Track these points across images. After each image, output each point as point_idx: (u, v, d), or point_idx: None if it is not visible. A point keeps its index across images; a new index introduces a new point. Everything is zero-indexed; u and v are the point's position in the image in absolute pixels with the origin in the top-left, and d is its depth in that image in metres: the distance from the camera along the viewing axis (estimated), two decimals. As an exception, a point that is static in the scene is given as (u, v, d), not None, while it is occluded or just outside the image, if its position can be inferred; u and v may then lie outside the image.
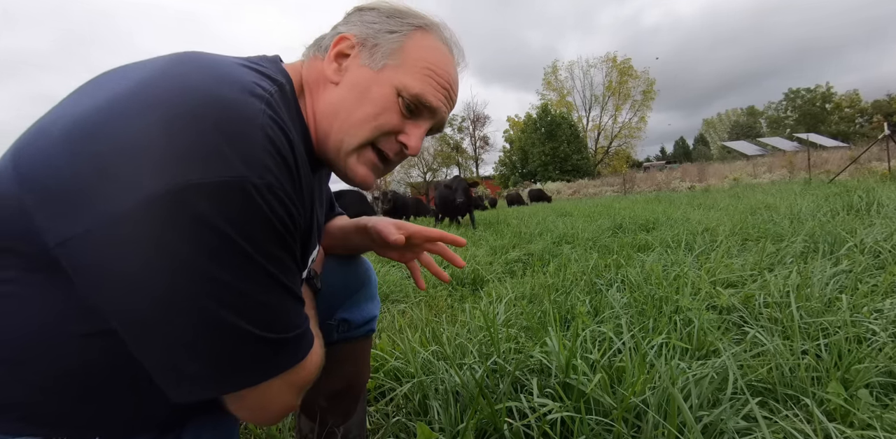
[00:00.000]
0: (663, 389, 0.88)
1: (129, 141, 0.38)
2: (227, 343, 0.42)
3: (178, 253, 0.38)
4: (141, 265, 0.38)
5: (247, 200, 0.40)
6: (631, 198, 10.23)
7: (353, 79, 0.56)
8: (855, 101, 45.01)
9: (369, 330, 0.89)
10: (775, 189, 7.38)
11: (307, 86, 0.58)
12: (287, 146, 0.45)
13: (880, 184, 5.33)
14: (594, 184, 22.96)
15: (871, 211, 3.24)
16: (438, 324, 1.69)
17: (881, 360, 1.01)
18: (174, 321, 0.39)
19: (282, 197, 0.43)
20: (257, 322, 0.43)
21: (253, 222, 0.41)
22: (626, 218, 4.69)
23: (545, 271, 2.53)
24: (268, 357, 0.45)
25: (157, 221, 0.37)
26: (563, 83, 40.63)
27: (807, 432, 0.78)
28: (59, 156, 0.39)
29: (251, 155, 0.41)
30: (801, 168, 13.57)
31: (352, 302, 0.85)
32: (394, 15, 0.58)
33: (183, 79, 0.42)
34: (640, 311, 1.50)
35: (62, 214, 0.39)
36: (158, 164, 0.38)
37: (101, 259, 0.38)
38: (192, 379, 0.42)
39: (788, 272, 1.71)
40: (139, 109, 0.40)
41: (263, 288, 0.43)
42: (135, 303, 0.39)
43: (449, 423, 0.96)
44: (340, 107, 0.56)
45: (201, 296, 0.39)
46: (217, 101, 0.41)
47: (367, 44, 0.57)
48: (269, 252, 0.43)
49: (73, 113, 0.42)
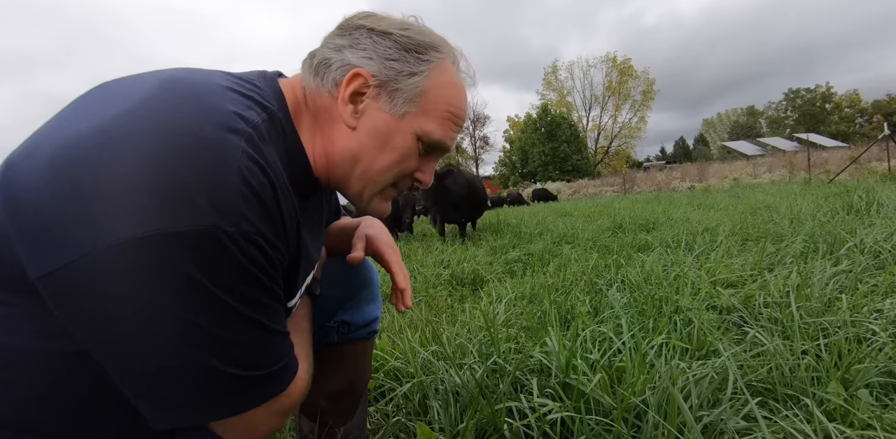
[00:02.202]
0: (663, 389, 0.88)
1: (106, 182, 0.38)
2: (205, 382, 0.42)
3: (150, 299, 0.38)
4: (116, 308, 0.38)
5: (220, 249, 0.40)
6: (631, 198, 10.23)
7: (373, 126, 0.54)
8: (855, 101, 45.01)
9: (371, 332, 0.88)
10: (775, 189, 7.38)
11: (310, 115, 0.56)
12: (268, 188, 0.44)
13: (880, 184, 5.33)
14: (594, 185, 22.96)
15: (871, 211, 3.24)
16: (438, 324, 1.69)
17: (881, 360, 1.01)
18: (151, 361, 0.40)
19: (259, 242, 0.43)
20: (235, 362, 0.43)
21: (226, 270, 0.41)
22: (626, 218, 4.69)
23: (545, 271, 2.53)
24: (247, 391, 0.46)
25: (130, 268, 0.38)
26: (563, 83, 40.63)
27: (807, 432, 0.78)
28: (42, 185, 0.39)
29: (225, 202, 0.40)
30: (801, 168, 13.56)
31: (353, 303, 0.85)
32: (411, 48, 0.54)
33: (166, 114, 0.42)
34: (640, 311, 1.50)
35: (40, 248, 0.39)
36: (133, 210, 0.38)
37: (77, 298, 0.39)
38: (168, 411, 0.43)
39: (788, 272, 1.71)
40: (119, 146, 0.39)
41: (239, 331, 0.43)
42: (111, 343, 0.40)
43: (449, 423, 0.96)
44: (361, 154, 0.55)
45: (174, 341, 0.40)
46: (196, 143, 0.41)
47: (387, 88, 0.53)
48: (245, 296, 0.43)
49: (60, 137, 0.41)
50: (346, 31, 0.55)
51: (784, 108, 51.39)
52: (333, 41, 0.54)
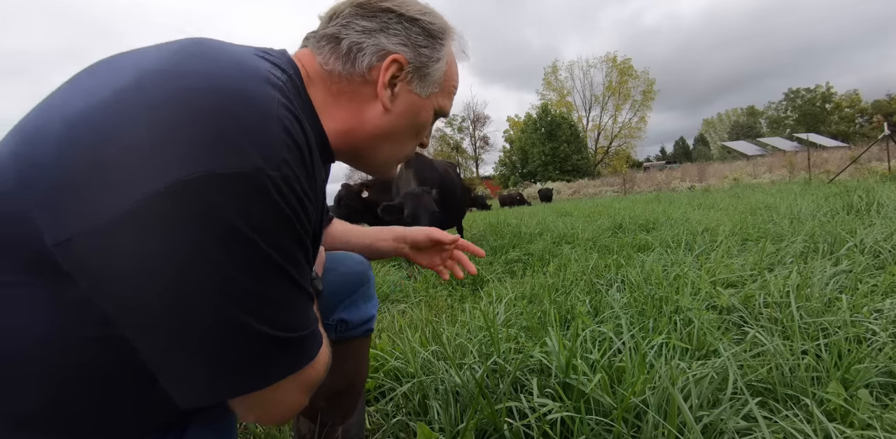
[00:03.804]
0: (663, 389, 0.88)
1: (144, 129, 0.37)
2: (237, 342, 0.40)
3: (187, 246, 0.37)
4: (149, 260, 0.37)
5: (262, 192, 0.39)
6: (631, 198, 10.23)
7: (405, 106, 0.58)
8: (855, 101, 45.01)
9: (367, 330, 0.89)
10: (775, 189, 7.38)
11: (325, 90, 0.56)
12: (303, 138, 0.45)
13: (880, 184, 5.33)
14: (594, 184, 22.96)
15: (871, 211, 3.24)
16: (438, 324, 1.69)
17: (881, 360, 1.01)
18: (182, 318, 0.38)
19: (297, 191, 0.43)
20: (269, 320, 0.42)
21: (268, 216, 0.40)
22: (626, 218, 4.69)
23: (545, 271, 2.53)
24: (279, 356, 0.44)
25: (167, 213, 0.36)
26: (563, 83, 40.69)
27: (807, 432, 0.78)
28: (63, 153, 0.38)
29: (269, 147, 0.40)
30: (801, 168, 13.57)
31: (350, 301, 0.85)
32: (435, 34, 0.58)
33: (198, 66, 0.41)
34: (640, 311, 1.50)
35: (63, 212, 0.37)
36: (176, 154, 0.37)
37: (105, 256, 0.37)
38: (201, 383, 0.41)
39: (788, 272, 1.71)
40: (156, 96, 0.39)
41: (276, 284, 0.42)
42: (142, 301, 0.38)
43: (449, 423, 0.96)
44: (392, 132, 0.59)
45: (211, 292, 0.38)
46: (236, 93, 0.41)
47: (419, 72, 0.57)
48: (283, 247, 0.42)
49: (75, 108, 0.40)
50: (370, 12, 0.55)
51: (784, 107, 51.40)
52: (359, 23, 0.54)
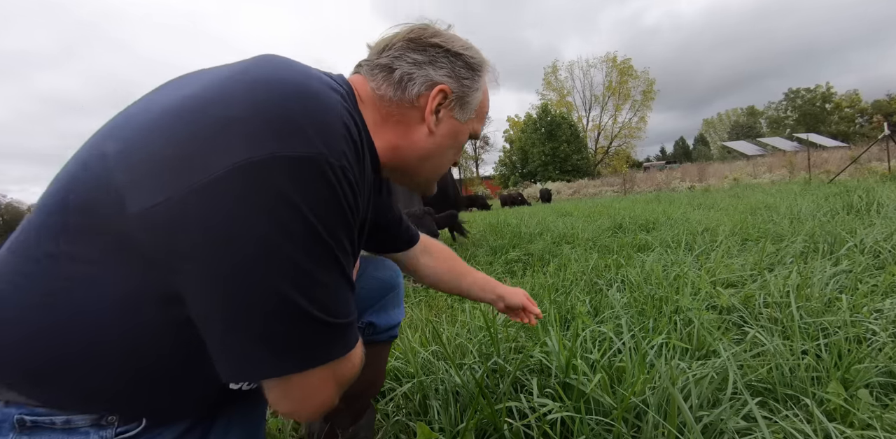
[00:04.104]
0: (663, 389, 0.88)
1: (218, 119, 0.42)
2: (285, 319, 0.43)
3: (251, 221, 0.40)
4: (215, 230, 0.40)
5: (322, 177, 0.43)
6: (631, 198, 10.22)
7: (447, 130, 0.65)
8: (855, 101, 44.99)
9: (391, 336, 0.90)
10: (775, 189, 7.38)
11: (375, 112, 0.61)
12: (359, 138, 0.50)
13: (880, 184, 5.32)
14: (594, 185, 22.95)
15: (871, 211, 3.24)
16: (438, 323, 1.69)
17: (881, 360, 1.01)
18: (239, 292, 0.41)
19: (352, 181, 0.47)
20: (317, 302, 0.44)
21: (324, 200, 0.43)
22: (626, 218, 4.69)
23: (545, 271, 2.53)
24: (322, 341, 0.46)
25: (236, 188, 0.40)
26: (563, 83, 40.64)
27: (807, 432, 0.78)
28: (156, 131, 0.43)
29: (331, 138, 0.45)
30: (801, 168, 13.56)
31: (380, 306, 0.86)
32: (475, 67, 0.65)
33: (272, 71, 0.48)
34: (640, 311, 1.50)
35: (147, 185, 0.42)
36: (246, 137, 0.41)
37: (180, 224, 0.41)
38: (251, 360, 0.44)
39: (788, 272, 1.71)
40: (233, 92, 0.44)
41: (326, 268, 0.45)
42: (208, 268, 0.41)
43: (449, 423, 0.96)
44: (436, 152, 0.66)
45: (263, 263, 0.41)
46: (303, 89, 0.46)
47: (460, 101, 0.64)
48: (335, 232, 0.45)
49: (163, 101, 0.46)
50: (420, 46, 0.61)
51: (784, 107, 51.38)
52: (410, 55, 0.61)
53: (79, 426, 0.45)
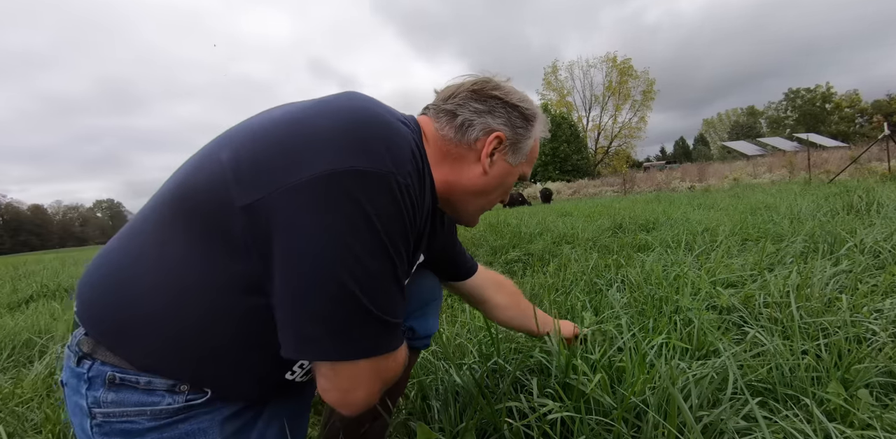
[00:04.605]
0: (663, 389, 0.88)
1: (310, 136, 0.52)
2: (343, 305, 0.50)
3: (325, 218, 0.48)
4: (299, 227, 0.48)
5: (389, 191, 0.51)
6: (631, 198, 10.22)
7: (498, 172, 0.72)
8: (855, 101, 44.99)
9: (425, 345, 0.92)
10: (775, 189, 7.38)
11: (437, 150, 0.69)
12: (422, 166, 0.59)
13: (880, 184, 5.32)
14: (594, 185, 22.95)
15: (871, 211, 3.24)
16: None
17: (881, 360, 1.01)
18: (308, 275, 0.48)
19: (413, 198, 0.55)
20: (372, 297, 0.51)
21: (388, 211, 0.51)
22: (626, 218, 4.69)
23: (545, 271, 2.53)
24: (374, 334, 0.53)
25: (318, 191, 0.48)
26: (563, 83, 40.63)
27: (807, 432, 0.78)
28: (260, 143, 0.53)
29: (400, 160, 0.53)
30: (801, 168, 13.56)
31: (421, 313, 0.88)
32: (529, 117, 0.72)
33: (356, 102, 0.59)
34: (640, 311, 1.50)
35: (250, 185, 0.50)
36: (330, 153, 0.50)
37: (277, 215, 0.49)
38: (308, 338, 0.50)
39: (788, 272, 1.71)
40: (323, 116, 0.54)
41: (383, 268, 0.51)
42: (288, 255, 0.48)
43: (449, 423, 0.96)
44: (486, 190, 0.73)
45: (340, 267, 0.48)
46: (380, 119, 0.56)
47: (514, 147, 0.72)
48: (395, 240, 0.52)
49: (271, 118, 0.57)
50: (482, 97, 0.69)
51: (784, 107, 51.38)
52: (472, 104, 0.69)
53: (157, 388, 0.53)
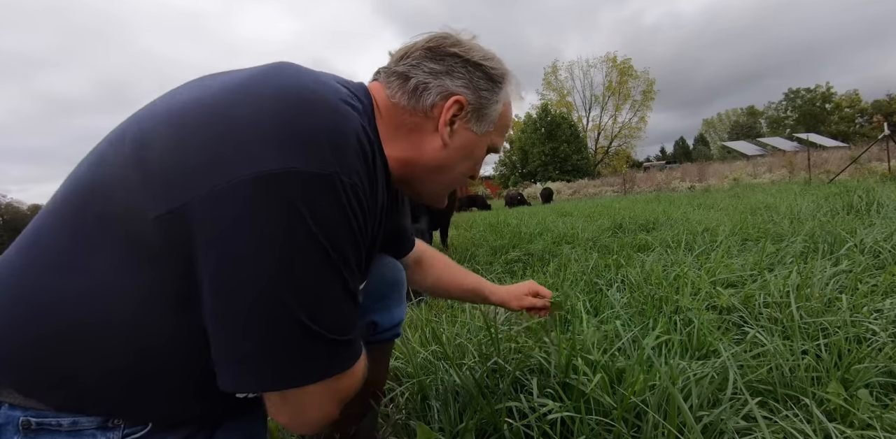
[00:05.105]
0: (663, 389, 0.88)
1: (234, 127, 0.43)
2: (288, 336, 0.43)
3: (258, 231, 0.41)
4: (226, 243, 0.41)
5: (333, 196, 0.43)
6: (631, 198, 10.22)
7: (462, 142, 0.62)
8: (855, 101, 44.96)
9: (395, 335, 0.90)
10: (775, 189, 7.38)
11: (389, 122, 0.60)
12: (371, 156, 0.50)
13: (880, 184, 5.32)
14: (594, 184, 22.94)
15: (871, 211, 3.24)
16: (438, 324, 1.69)
17: (881, 360, 1.01)
18: (241, 299, 0.41)
19: (361, 199, 0.47)
20: (321, 321, 0.44)
21: (334, 219, 0.43)
22: (626, 218, 4.69)
23: (545, 271, 2.53)
24: (320, 356, 0.46)
25: (247, 200, 0.40)
26: (563, 83, 40.65)
27: (807, 432, 0.78)
28: (173, 132, 0.44)
29: (345, 156, 0.45)
30: (801, 168, 13.54)
31: (382, 305, 0.85)
32: (495, 79, 0.62)
33: (287, 79, 0.47)
34: (640, 311, 1.50)
35: (162, 189, 0.42)
36: (260, 150, 0.41)
37: (193, 234, 0.41)
38: (246, 369, 0.43)
39: (788, 272, 1.71)
40: (247, 100, 0.44)
41: (329, 284, 0.45)
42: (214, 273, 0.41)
43: (449, 423, 0.96)
44: (448, 165, 0.63)
45: (276, 284, 0.41)
46: (317, 101, 0.46)
47: (478, 113, 0.61)
48: (341, 249, 0.45)
49: (183, 100, 0.47)
50: (439, 55, 0.59)
51: (784, 107, 51.35)
52: (427, 65, 0.59)
53: (85, 428, 0.45)
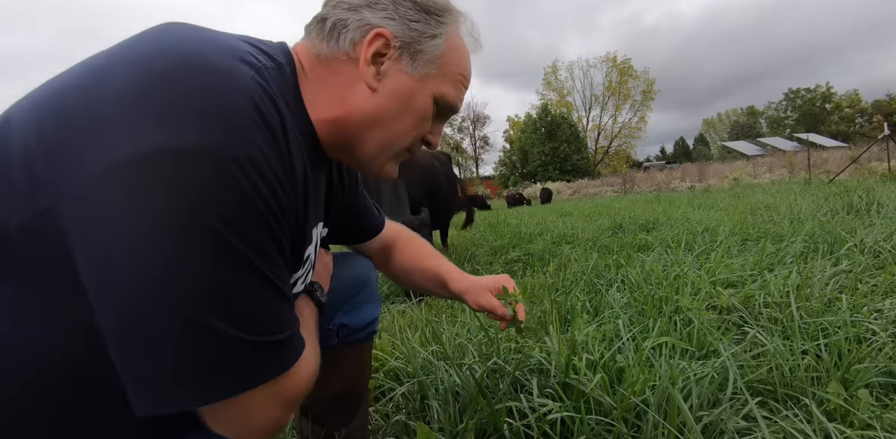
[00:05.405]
0: (663, 389, 0.88)
1: (96, 104, 0.35)
2: (200, 344, 0.36)
3: (137, 232, 0.33)
4: (102, 247, 0.33)
5: (225, 173, 0.35)
6: (631, 198, 10.22)
7: (395, 87, 0.52)
8: (855, 101, 44.97)
9: (370, 333, 0.87)
10: (775, 189, 7.38)
11: (316, 79, 0.52)
12: (278, 122, 0.40)
13: (880, 184, 5.32)
14: (594, 185, 22.96)
15: (871, 211, 3.24)
16: (438, 324, 1.69)
17: (881, 360, 1.01)
18: (139, 315, 0.34)
19: (267, 175, 0.38)
20: (234, 320, 0.37)
21: (230, 199, 0.35)
22: (626, 218, 4.69)
23: (545, 271, 2.53)
24: (248, 363, 0.39)
25: (120, 194, 0.33)
26: (563, 83, 40.69)
27: (807, 432, 0.78)
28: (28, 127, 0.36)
29: (235, 123, 0.36)
30: (801, 168, 13.55)
31: (351, 305, 0.82)
32: (430, 10, 0.53)
33: (165, 42, 0.39)
34: (640, 311, 1.50)
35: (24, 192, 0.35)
36: (128, 127, 0.33)
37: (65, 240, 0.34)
38: (154, 385, 0.36)
39: (788, 272, 1.71)
40: (113, 72, 0.36)
41: (241, 279, 0.37)
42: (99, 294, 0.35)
43: (449, 423, 0.96)
44: (382, 116, 0.53)
45: (168, 287, 0.34)
46: (200, 63, 0.37)
47: (410, 49, 0.52)
48: (249, 237, 0.37)
49: (51, 84, 0.39)
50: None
51: (784, 107, 51.37)
52: (346, 1, 0.51)
53: None
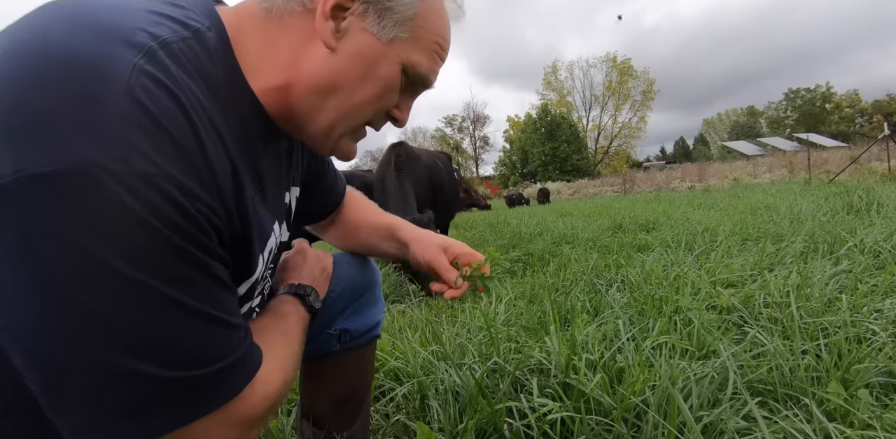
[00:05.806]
0: (663, 389, 0.88)
1: None
2: (123, 389, 0.33)
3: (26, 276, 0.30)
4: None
5: (102, 194, 0.30)
6: (631, 198, 10.22)
7: (357, 49, 0.45)
8: (855, 101, 44.99)
9: (373, 337, 0.85)
10: (775, 189, 7.38)
11: (263, 39, 0.45)
12: (175, 114, 0.34)
13: (880, 184, 5.33)
14: (594, 185, 22.98)
15: (871, 211, 3.24)
16: (438, 324, 1.69)
17: (881, 360, 1.01)
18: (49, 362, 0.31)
19: (163, 186, 0.32)
20: (156, 360, 0.34)
21: (117, 224, 0.30)
22: (626, 218, 4.69)
23: (545, 271, 2.53)
24: (184, 399, 0.36)
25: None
26: (563, 83, 40.73)
27: (807, 432, 0.78)
28: None
29: (106, 129, 0.30)
30: (801, 168, 13.55)
31: (353, 309, 0.79)
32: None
33: (31, 33, 0.33)
34: (640, 311, 1.50)
35: None
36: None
37: None
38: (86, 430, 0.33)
39: (788, 272, 1.71)
40: None
41: (155, 314, 0.33)
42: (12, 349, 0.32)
43: (449, 423, 0.96)
44: (339, 82, 0.45)
45: (72, 335, 0.31)
46: (65, 61, 0.31)
47: (377, 5, 0.44)
48: (152, 265, 0.32)
49: None
50: None
51: (784, 108, 51.39)
52: None
53: None
